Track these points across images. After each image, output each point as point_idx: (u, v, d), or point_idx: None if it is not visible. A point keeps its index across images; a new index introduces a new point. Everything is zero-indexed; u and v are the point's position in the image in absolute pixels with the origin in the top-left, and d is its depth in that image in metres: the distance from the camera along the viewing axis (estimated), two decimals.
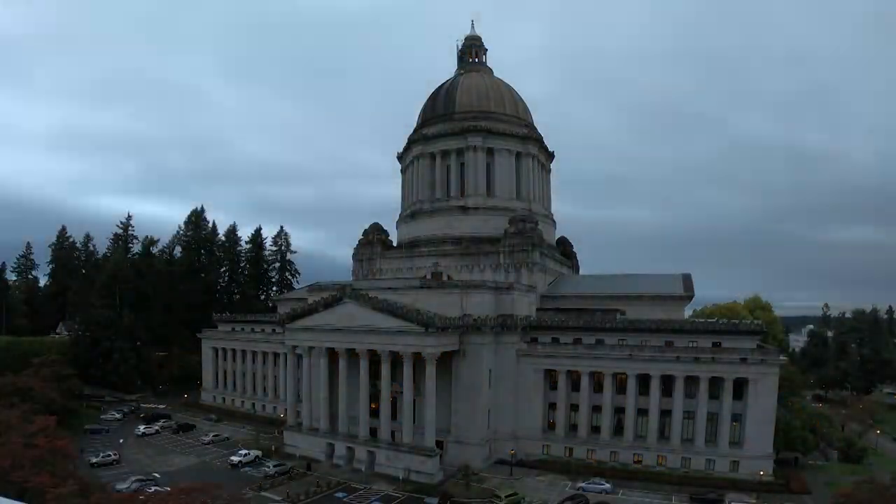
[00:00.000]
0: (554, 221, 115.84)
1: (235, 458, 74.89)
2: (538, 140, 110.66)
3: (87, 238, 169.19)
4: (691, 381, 70.60)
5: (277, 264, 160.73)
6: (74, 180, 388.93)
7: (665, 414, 72.43)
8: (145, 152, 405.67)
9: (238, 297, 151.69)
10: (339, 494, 64.03)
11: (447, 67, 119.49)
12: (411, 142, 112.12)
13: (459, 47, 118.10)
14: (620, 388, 73.92)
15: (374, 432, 76.09)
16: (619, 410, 74.30)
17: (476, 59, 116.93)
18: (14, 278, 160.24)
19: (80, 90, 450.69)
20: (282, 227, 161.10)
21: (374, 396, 76.33)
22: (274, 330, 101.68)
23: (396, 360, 73.34)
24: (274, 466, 71.33)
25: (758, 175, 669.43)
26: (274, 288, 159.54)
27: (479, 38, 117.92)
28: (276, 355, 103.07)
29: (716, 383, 69.59)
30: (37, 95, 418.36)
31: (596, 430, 75.34)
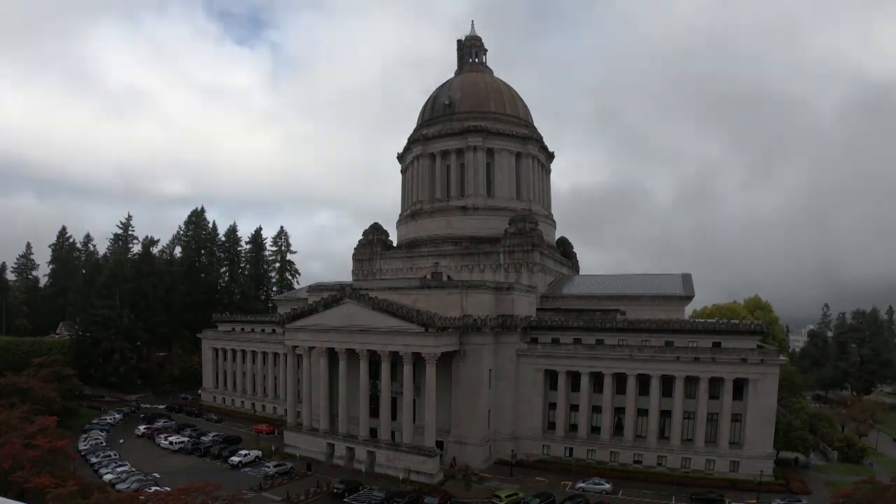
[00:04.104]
0: (554, 222, 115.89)
1: (235, 459, 74.88)
2: (538, 140, 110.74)
3: (88, 238, 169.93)
4: (691, 382, 70.64)
5: (277, 264, 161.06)
6: None
7: (665, 414, 72.45)
8: None
9: (238, 297, 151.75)
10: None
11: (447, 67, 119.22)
12: (411, 142, 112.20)
13: (459, 48, 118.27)
14: (620, 388, 73.86)
15: (374, 432, 76.11)
16: (619, 410, 74.33)
17: (476, 60, 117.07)
18: (14, 278, 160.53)
19: None
20: (282, 228, 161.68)
21: (374, 397, 76.35)
22: (274, 330, 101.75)
23: (396, 360, 73.40)
24: (274, 467, 71.32)
25: None
26: (274, 288, 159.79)
27: (479, 39, 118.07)
28: (276, 355, 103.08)
29: (716, 383, 69.62)
30: None
31: (596, 430, 75.37)
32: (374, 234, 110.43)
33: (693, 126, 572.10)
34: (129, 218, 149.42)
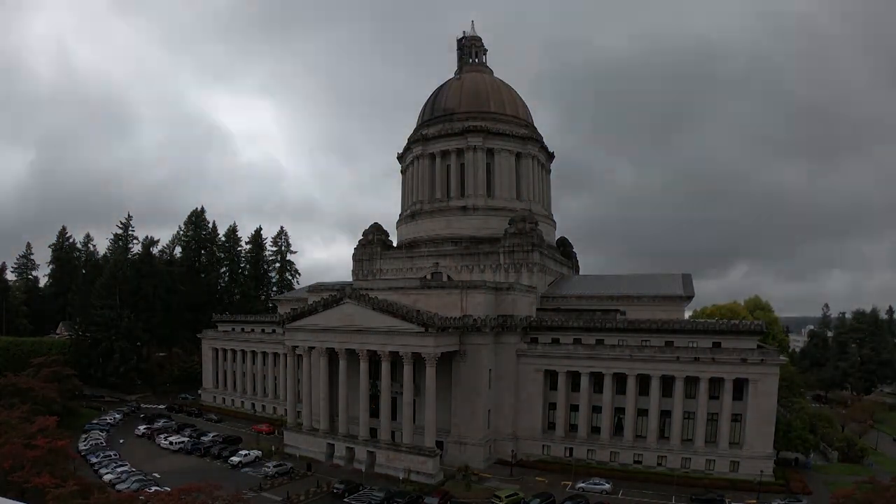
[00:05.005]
0: (554, 222, 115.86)
1: (235, 459, 74.92)
2: (538, 140, 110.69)
3: (88, 238, 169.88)
4: (691, 382, 70.64)
5: (277, 265, 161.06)
6: None
7: (665, 414, 72.48)
8: None
9: (238, 297, 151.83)
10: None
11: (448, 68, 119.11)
12: (411, 142, 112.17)
13: (459, 47, 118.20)
14: (620, 388, 73.88)
15: (374, 433, 76.13)
16: (619, 411, 74.37)
17: (476, 60, 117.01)
18: (14, 278, 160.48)
19: None
20: (282, 228, 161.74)
21: (374, 397, 76.36)
22: (274, 330, 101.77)
23: (396, 360, 73.39)
24: (274, 467, 71.34)
25: None
26: (274, 288, 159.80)
27: (479, 39, 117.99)
28: (276, 355, 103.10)
29: (716, 383, 69.64)
30: None
31: (596, 430, 75.40)
32: (375, 234, 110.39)
33: None
34: (129, 218, 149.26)
